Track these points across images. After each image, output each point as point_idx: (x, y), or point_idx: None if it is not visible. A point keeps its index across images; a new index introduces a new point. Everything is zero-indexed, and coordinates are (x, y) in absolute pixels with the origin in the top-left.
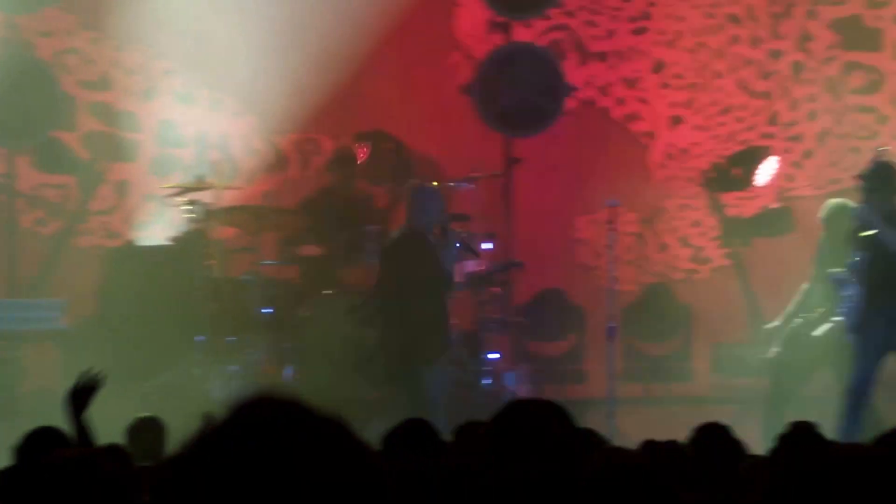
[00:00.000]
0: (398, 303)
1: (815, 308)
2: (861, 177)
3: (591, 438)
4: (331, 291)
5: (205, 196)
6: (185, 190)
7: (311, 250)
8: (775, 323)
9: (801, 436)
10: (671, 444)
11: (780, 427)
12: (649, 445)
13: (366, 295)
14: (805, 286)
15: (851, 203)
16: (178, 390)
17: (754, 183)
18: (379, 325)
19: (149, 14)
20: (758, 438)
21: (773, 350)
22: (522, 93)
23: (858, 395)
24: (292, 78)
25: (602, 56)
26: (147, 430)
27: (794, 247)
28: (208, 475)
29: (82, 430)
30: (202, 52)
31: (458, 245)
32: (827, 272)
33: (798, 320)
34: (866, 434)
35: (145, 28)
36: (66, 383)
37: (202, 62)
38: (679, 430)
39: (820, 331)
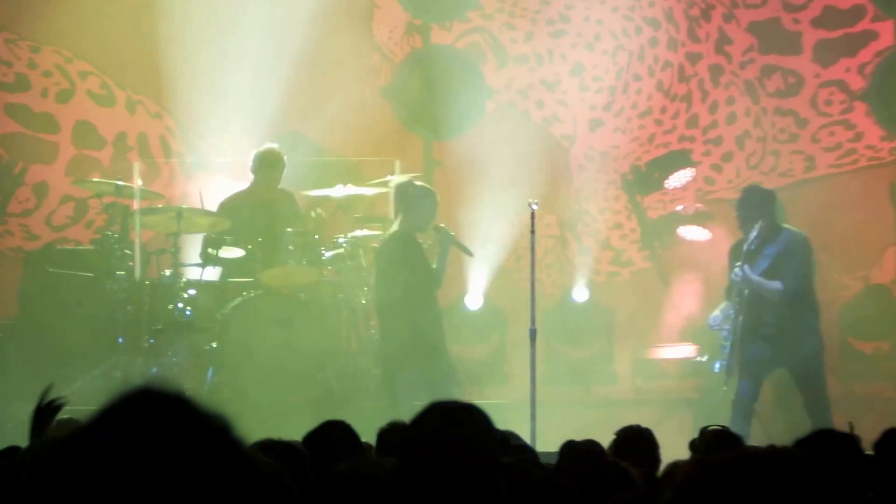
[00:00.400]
0: (383, 304)
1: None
2: (736, 208)
3: (510, 441)
4: (252, 293)
5: (124, 198)
6: (105, 192)
7: (231, 252)
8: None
9: (716, 440)
10: (591, 445)
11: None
12: (569, 446)
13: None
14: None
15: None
16: (99, 392)
17: (667, 186)
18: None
19: (65, 15)
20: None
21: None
22: (442, 95)
23: (746, 405)
24: (212, 79)
25: (521, 59)
26: (65, 432)
27: (714, 248)
28: (77, 466)
29: None
30: (120, 53)
31: (449, 244)
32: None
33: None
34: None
35: (62, 29)
36: None
37: (120, 63)
38: (601, 432)
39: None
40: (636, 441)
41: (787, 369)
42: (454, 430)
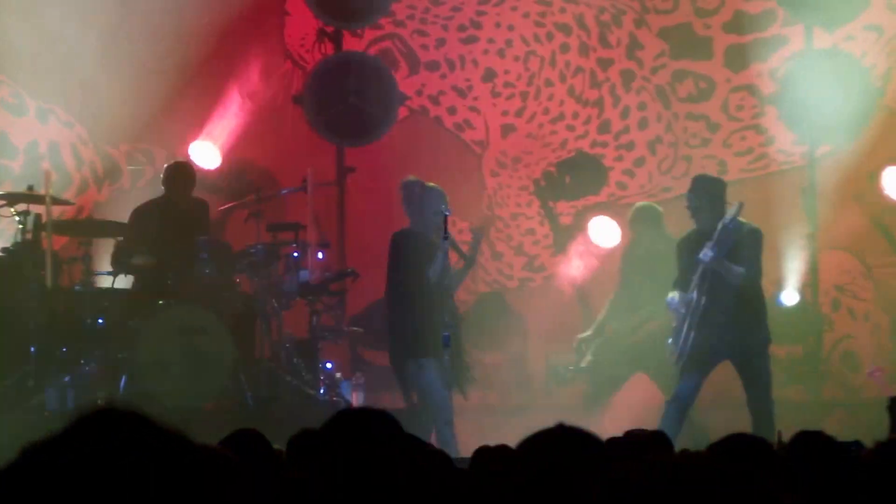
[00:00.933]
0: (387, 298)
1: (629, 314)
2: (688, 198)
3: (421, 447)
4: (164, 302)
5: (36, 206)
6: (16, 200)
7: (143, 261)
8: (587, 333)
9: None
10: (504, 450)
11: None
12: (482, 452)
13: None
14: (612, 296)
15: (657, 206)
16: (11, 402)
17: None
18: None
19: None
20: None
21: (587, 359)
22: (354, 102)
23: (684, 405)
24: (124, 88)
25: (433, 65)
26: None
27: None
28: (40, 488)
29: None
30: (31, 61)
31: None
32: (636, 277)
33: (612, 327)
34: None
35: None
36: None
37: (31, 72)
38: (513, 438)
39: (633, 337)
40: (546, 445)
41: (735, 361)
42: (363, 437)
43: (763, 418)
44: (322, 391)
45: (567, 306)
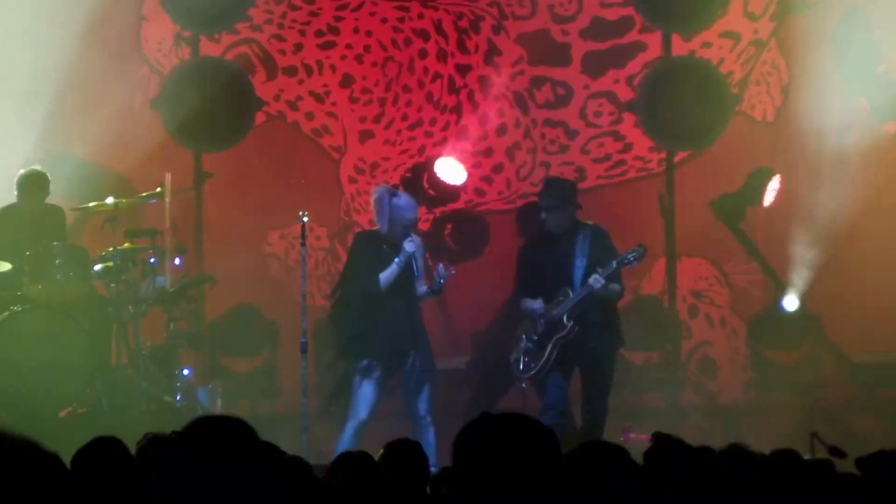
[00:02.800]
0: (338, 296)
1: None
2: (541, 198)
3: (274, 453)
4: (19, 307)
5: None
6: None
7: None
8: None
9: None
10: (364, 457)
11: None
12: (343, 458)
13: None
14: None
15: None
16: None
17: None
18: None
19: None
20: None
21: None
22: (210, 108)
23: (560, 409)
24: None
25: (290, 70)
26: None
27: (483, 261)
28: None
29: None
30: None
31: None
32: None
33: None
34: None
35: None
36: None
37: None
38: (377, 445)
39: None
40: (404, 454)
41: (584, 365)
42: (217, 443)
43: (595, 422)
44: (179, 397)
45: (426, 312)
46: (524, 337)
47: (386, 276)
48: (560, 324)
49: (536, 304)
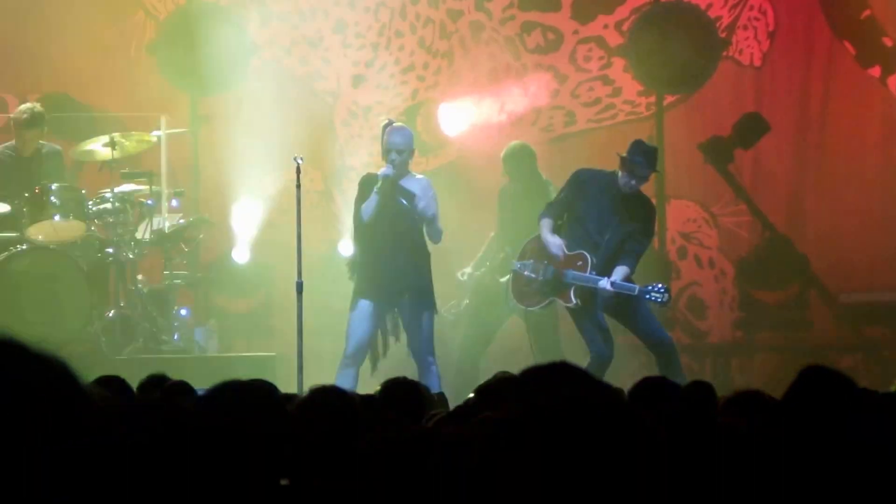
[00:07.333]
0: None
1: (498, 254)
2: (632, 161)
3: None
4: (17, 248)
5: None
6: None
7: None
8: (467, 270)
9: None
10: (369, 397)
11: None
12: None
13: None
14: (492, 234)
15: (530, 146)
16: None
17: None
18: None
19: None
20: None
21: (465, 302)
22: (206, 52)
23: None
24: None
25: (284, 16)
26: None
27: (464, 207)
28: None
29: None
30: None
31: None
32: (508, 215)
33: (484, 268)
34: None
35: None
36: None
37: None
38: (371, 385)
39: (505, 277)
40: (402, 392)
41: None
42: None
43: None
44: (176, 337)
45: None
46: (528, 265)
47: (366, 205)
48: (566, 294)
49: (555, 242)
